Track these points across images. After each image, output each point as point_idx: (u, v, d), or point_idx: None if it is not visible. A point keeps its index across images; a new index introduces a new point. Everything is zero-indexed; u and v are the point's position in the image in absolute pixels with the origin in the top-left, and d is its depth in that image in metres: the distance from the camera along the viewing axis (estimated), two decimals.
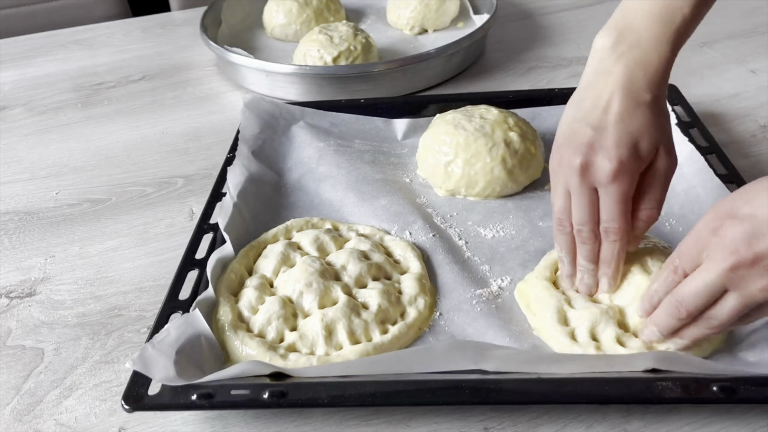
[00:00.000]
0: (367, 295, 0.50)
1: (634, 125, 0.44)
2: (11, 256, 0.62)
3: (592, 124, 0.44)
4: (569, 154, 0.45)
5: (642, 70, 0.44)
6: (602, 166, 0.43)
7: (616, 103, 0.44)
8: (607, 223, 0.45)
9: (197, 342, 0.45)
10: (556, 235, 0.49)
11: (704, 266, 0.39)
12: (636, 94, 0.44)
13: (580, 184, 0.45)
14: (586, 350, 0.45)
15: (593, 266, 0.48)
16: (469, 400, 0.41)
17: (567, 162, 0.45)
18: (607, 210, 0.45)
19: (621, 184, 0.44)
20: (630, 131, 0.44)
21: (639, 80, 0.44)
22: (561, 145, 0.46)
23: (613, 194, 0.44)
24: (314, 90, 0.82)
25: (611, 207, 0.44)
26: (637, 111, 0.44)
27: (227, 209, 0.57)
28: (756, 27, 0.96)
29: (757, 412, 0.43)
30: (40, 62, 1.01)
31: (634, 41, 0.44)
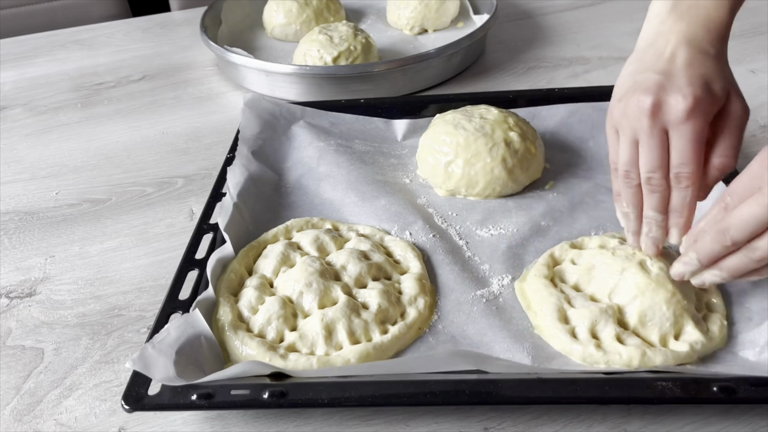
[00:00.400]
0: (367, 295, 0.50)
1: (704, 70, 0.42)
2: (11, 256, 0.62)
3: (659, 70, 0.43)
4: (637, 98, 0.42)
5: (704, 28, 0.43)
6: (675, 104, 0.41)
7: (681, 53, 0.43)
8: (678, 168, 0.43)
9: (197, 342, 0.45)
10: (623, 188, 0.46)
11: (755, 197, 0.38)
12: (700, 47, 0.43)
13: (651, 126, 0.42)
14: (587, 348, 0.45)
15: (662, 216, 0.46)
16: (469, 400, 0.41)
17: (635, 106, 0.42)
18: (680, 152, 0.42)
19: (696, 123, 0.41)
20: (701, 73, 0.42)
21: (702, 36, 0.43)
22: (624, 95, 0.44)
23: (687, 134, 0.42)
24: (314, 90, 0.82)
25: (685, 148, 0.42)
26: (704, 59, 0.42)
27: (227, 209, 0.57)
28: (756, 27, 0.96)
29: (757, 412, 0.43)
30: (40, 62, 1.01)
31: (693, 2, 0.44)
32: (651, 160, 0.43)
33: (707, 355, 0.45)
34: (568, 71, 0.88)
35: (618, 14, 1.04)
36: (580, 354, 0.45)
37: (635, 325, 0.47)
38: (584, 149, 0.69)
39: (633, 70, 0.44)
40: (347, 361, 0.45)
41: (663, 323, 0.46)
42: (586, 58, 0.91)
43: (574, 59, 0.91)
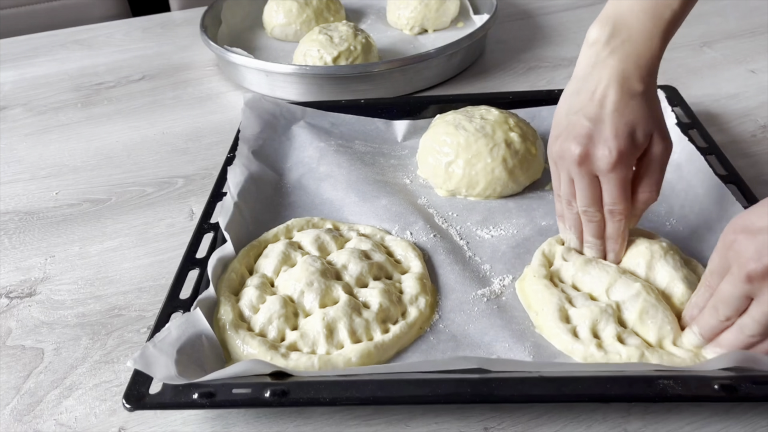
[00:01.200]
0: (368, 295, 0.50)
1: (630, 116, 0.46)
2: (11, 256, 0.62)
3: (588, 116, 0.47)
4: (569, 146, 0.47)
5: (634, 64, 0.46)
6: (602, 157, 0.46)
7: (611, 96, 0.46)
8: (611, 206, 0.49)
9: (198, 341, 0.45)
10: (565, 213, 0.52)
11: (727, 277, 0.41)
12: (629, 87, 0.46)
13: (580, 173, 0.48)
14: (588, 348, 0.45)
15: (600, 241, 0.51)
16: (469, 399, 0.41)
17: (568, 153, 0.47)
18: (610, 194, 0.48)
19: (620, 172, 0.47)
20: (626, 122, 0.46)
21: (632, 73, 0.46)
22: (559, 136, 0.49)
23: (614, 181, 0.47)
24: (314, 90, 0.82)
25: (613, 192, 0.48)
26: (631, 102, 0.46)
27: (228, 209, 0.57)
28: (756, 27, 0.96)
29: (758, 412, 0.43)
30: (40, 62, 1.01)
31: (627, 36, 0.47)
32: (585, 198, 0.49)
33: None
34: (568, 71, 0.88)
35: None
36: (581, 353, 0.45)
37: (634, 322, 0.47)
38: None
39: (568, 108, 0.48)
40: (348, 360, 0.45)
41: (663, 325, 0.46)
42: None
43: (574, 59, 0.89)
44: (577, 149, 0.46)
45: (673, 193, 0.61)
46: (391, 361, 0.47)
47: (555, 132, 0.49)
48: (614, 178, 0.47)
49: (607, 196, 0.48)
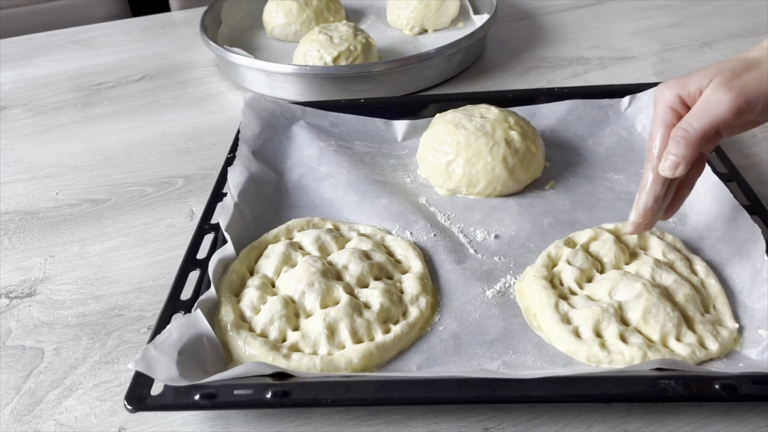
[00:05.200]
0: (369, 295, 0.50)
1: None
2: (11, 256, 0.62)
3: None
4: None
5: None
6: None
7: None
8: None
9: (199, 342, 0.45)
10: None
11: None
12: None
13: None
14: (591, 347, 0.45)
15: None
16: (470, 399, 0.41)
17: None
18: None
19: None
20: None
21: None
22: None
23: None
24: (314, 90, 0.82)
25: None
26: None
27: (228, 209, 0.57)
28: (756, 27, 0.96)
29: (758, 412, 0.43)
30: (40, 62, 1.01)
31: None
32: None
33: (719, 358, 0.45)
34: (568, 71, 0.88)
35: (618, 14, 1.04)
36: (585, 354, 0.45)
37: (638, 321, 0.47)
38: (584, 147, 0.69)
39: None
40: (350, 361, 0.45)
41: (666, 323, 0.46)
42: (586, 58, 0.91)
43: (574, 59, 0.91)
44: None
45: None
46: (392, 362, 0.47)
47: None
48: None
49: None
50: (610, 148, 0.68)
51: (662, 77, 0.84)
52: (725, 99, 0.44)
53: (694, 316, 0.47)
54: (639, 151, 0.67)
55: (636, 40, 0.95)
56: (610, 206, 0.60)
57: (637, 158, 0.66)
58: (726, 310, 0.48)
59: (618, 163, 0.66)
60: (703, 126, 0.45)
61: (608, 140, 0.69)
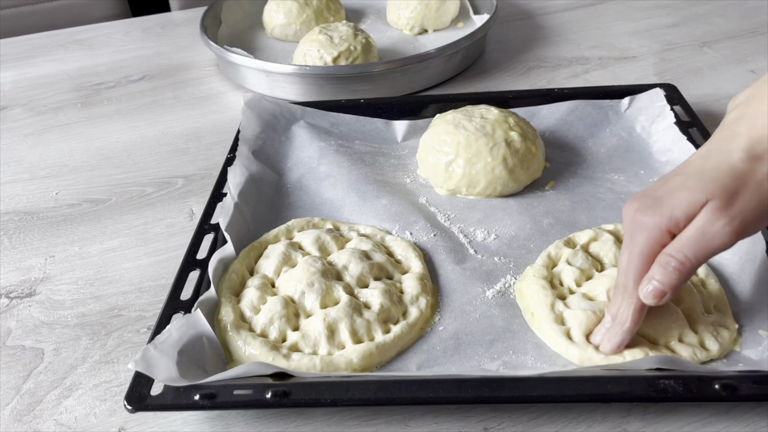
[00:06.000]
0: (369, 295, 0.50)
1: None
2: (11, 256, 0.62)
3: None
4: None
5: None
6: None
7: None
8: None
9: (199, 342, 0.45)
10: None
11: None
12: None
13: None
14: (584, 350, 0.45)
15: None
16: (470, 399, 0.41)
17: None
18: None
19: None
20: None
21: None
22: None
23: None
24: (314, 90, 0.82)
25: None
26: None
27: (228, 209, 0.57)
28: (756, 27, 0.96)
29: (758, 412, 0.43)
30: (40, 62, 1.01)
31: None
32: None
33: (719, 358, 0.45)
34: (568, 71, 0.88)
35: (618, 14, 1.04)
36: (577, 356, 0.45)
37: None
38: (584, 147, 0.69)
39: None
40: (350, 361, 0.45)
41: (667, 323, 0.46)
42: (586, 58, 0.91)
43: (574, 59, 0.91)
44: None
45: None
46: (392, 362, 0.47)
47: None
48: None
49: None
50: (610, 148, 0.68)
51: (662, 77, 0.84)
52: (726, 232, 0.39)
53: (695, 316, 0.47)
54: (638, 151, 0.67)
55: (636, 40, 0.95)
56: (610, 207, 0.60)
57: (637, 159, 0.66)
58: (726, 311, 0.48)
59: (618, 163, 0.66)
60: (699, 257, 0.40)
61: (608, 141, 0.69)
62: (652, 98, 0.70)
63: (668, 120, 0.67)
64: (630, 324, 0.43)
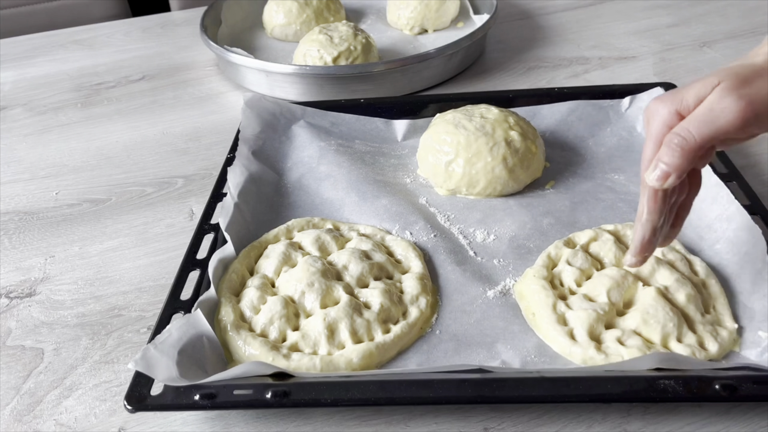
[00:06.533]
0: (368, 295, 0.50)
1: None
2: (11, 256, 0.62)
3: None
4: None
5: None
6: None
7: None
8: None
9: (199, 342, 0.45)
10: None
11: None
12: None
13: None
14: (586, 351, 0.45)
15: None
16: (470, 399, 0.41)
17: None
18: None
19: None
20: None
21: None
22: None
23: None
24: (314, 90, 0.82)
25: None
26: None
27: (228, 209, 0.57)
28: (756, 27, 0.96)
29: (758, 413, 0.43)
30: (40, 62, 1.01)
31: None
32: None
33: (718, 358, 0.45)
34: (568, 71, 0.88)
35: (618, 14, 1.04)
36: (580, 356, 0.45)
37: (638, 324, 0.46)
38: (584, 147, 0.69)
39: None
40: (350, 361, 0.45)
41: (666, 323, 0.46)
42: (586, 58, 0.91)
43: (574, 59, 0.91)
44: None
45: None
46: (392, 361, 0.47)
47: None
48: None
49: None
50: (611, 148, 0.68)
51: (662, 77, 0.84)
52: (733, 108, 0.38)
53: (694, 316, 0.47)
54: (639, 151, 0.67)
55: (636, 40, 0.95)
56: (610, 207, 0.60)
57: (637, 159, 0.66)
58: (726, 311, 0.48)
59: (618, 163, 0.66)
60: (704, 134, 0.39)
61: (608, 141, 0.69)
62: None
63: None
64: (646, 214, 0.42)
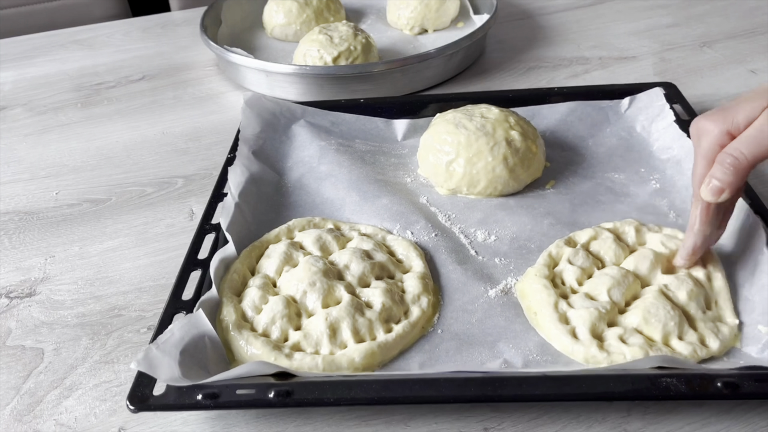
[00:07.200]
0: (370, 294, 0.50)
1: None
2: (11, 256, 0.62)
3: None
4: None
5: None
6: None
7: None
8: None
9: (201, 342, 0.45)
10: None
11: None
12: None
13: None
14: (588, 349, 0.45)
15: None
16: (473, 398, 0.41)
17: None
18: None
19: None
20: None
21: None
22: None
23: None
24: (314, 90, 0.82)
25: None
26: None
27: (229, 209, 0.57)
28: (756, 27, 0.96)
29: (758, 412, 0.43)
30: (40, 62, 1.01)
31: None
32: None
33: (720, 356, 0.45)
34: (568, 71, 0.88)
35: (618, 14, 1.04)
36: (582, 355, 0.45)
37: (639, 322, 0.46)
38: (584, 147, 0.69)
39: None
40: (352, 360, 0.45)
41: (667, 322, 0.46)
42: (586, 58, 0.91)
43: (574, 59, 0.91)
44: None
45: (674, 189, 0.61)
46: (394, 361, 0.47)
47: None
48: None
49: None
50: (611, 148, 0.68)
51: (662, 77, 0.84)
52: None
53: (695, 314, 0.47)
54: (639, 150, 0.67)
55: (636, 40, 0.95)
56: (610, 206, 0.60)
57: (637, 158, 0.66)
58: (728, 306, 0.48)
59: (618, 163, 0.66)
60: (755, 155, 0.42)
61: (608, 141, 0.69)
62: (652, 98, 0.70)
63: (668, 119, 0.67)
64: (698, 225, 0.46)
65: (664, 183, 0.62)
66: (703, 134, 0.45)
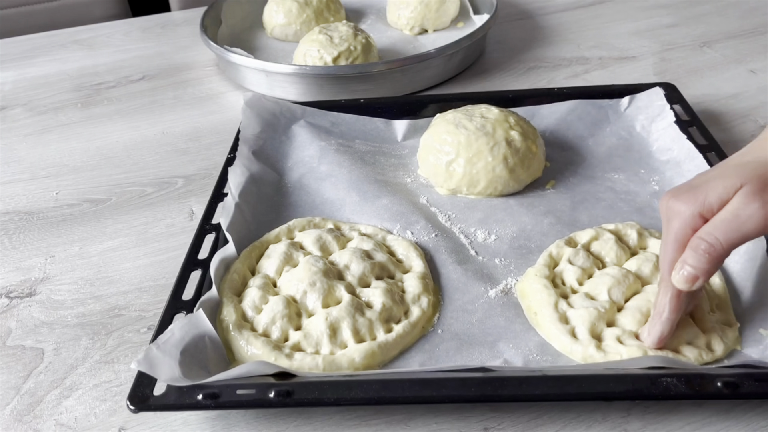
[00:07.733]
0: (370, 294, 0.50)
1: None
2: (11, 256, 0.62)
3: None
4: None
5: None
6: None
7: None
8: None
9: (201, 342, 0.45)
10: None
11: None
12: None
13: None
14: (587, 349, 0.45)
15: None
16: (473, 398, 0.41)
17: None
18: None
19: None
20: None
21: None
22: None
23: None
24: (314, 90, 0.82)
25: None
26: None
27: (229, 209, 0.57)
28: (756, 27, 0.96)
29: (758, 412, 0.43)
30: (40, 62, 1.01)
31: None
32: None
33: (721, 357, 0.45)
34: (568, 71, 0.88)
35: (618, 14, 1.04)
36: (581, 354, 0.45)
37: (639, 323, 0.46)
38: (584, 147, 0.69)
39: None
40: (352, 360, 0.45)
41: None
42: (586, 58, 0.91)
43: (574, 59, 0.91)
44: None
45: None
46: (394, 361, 0.47)
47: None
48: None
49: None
50: (610, 147, 0.68)
51: (662, 77, 0.84)
52: (760, 215, 0.39)
53: (702, 315, 0.47)
54: (638, 150, 0.67)
55: (636, 40, 0.95)
56: (610, 206, 0.60)
57: (637, 158, 0.66)
58: (728, 309, 0.48)
59: (618, 162, 0.66)
60: (730, 241, 0.39)
61: (608, 140, 0.69)
62: (652, 97, 0.70)
63: (668, 119, 0.67)
64: (667, 313, 0.43)
65: (664, 185, 0.62)
66: (673, 216, 0.42)
